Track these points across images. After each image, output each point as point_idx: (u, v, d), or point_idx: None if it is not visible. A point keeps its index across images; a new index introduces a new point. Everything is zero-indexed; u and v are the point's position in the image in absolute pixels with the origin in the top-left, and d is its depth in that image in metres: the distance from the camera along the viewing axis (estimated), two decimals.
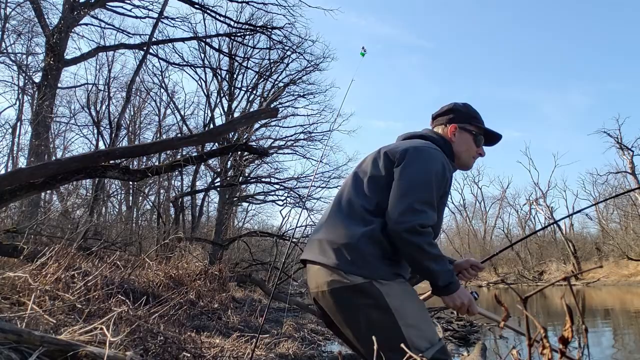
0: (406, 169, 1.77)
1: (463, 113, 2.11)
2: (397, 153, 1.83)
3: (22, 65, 14.53)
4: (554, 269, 30.41)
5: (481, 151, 2.09)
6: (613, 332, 7.31)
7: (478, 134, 2.07)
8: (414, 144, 1.88)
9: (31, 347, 2.32)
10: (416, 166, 1.78)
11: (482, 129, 2.09)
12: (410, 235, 1.65)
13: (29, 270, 3.85)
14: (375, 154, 1.92)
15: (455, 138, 2.05)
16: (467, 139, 2.05)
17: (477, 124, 2.09)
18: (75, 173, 5.03)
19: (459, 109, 2.13)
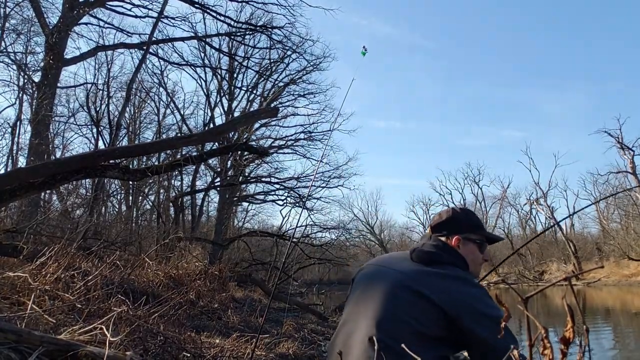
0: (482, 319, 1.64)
1: (465, 223, 2.02)
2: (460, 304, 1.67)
3: (21, 64, 14.53)
4: (555, 269, 30.41)
5: (486, 257, 2.02)
6: (614, 332, 7.30)
7: (483, 242, 2.01)
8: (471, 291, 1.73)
9: (31, 347, 2.31)
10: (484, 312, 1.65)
11: (485, 236, 2.03)
12: None
13: (28, 270, 3.84)
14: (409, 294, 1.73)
15: (461, 250, 1.97)
16: (473, 248, 1.98)
17: (480, 233, 2.02)
18: (74, 173, 5.02)
19: (461, 219, 2.02)
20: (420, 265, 1.85)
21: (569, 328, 1.65)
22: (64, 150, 19.21)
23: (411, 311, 1.68)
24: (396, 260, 1.93)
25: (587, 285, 22.99)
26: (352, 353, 1.66)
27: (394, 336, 1.61)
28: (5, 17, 13.00)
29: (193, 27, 15.23)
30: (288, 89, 21.27)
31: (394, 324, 1.67)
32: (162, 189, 19.26)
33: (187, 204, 18.48)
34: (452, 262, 1.86)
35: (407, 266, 1.84)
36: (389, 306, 1.71)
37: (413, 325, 1.64)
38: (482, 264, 2.03)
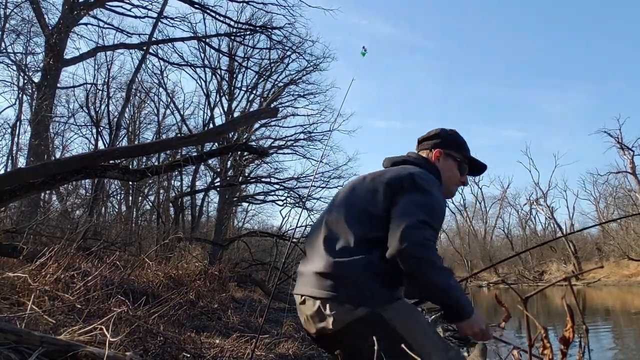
0: (412, 194, 1.73)
1: (449, 139, 2.07)
2: (401, 179, 1.78)
3: (21, 65, 14.53)
4: (555, 269, 30.42)
5: (464, 179, 2.04)
6: (613, 332, 7.30)
7: (463, 162, 2.03)
8: (414, 170, 1.83)
9: (31, 348, 2.31)
10: (420, 192, 1.74)
11: (467, 157, 2.05)
12: (415, 248, 1.59)
13: (28, 270, 3.84)
14: (369, 184, 1.85)
15: (439, 163, 2.01)
16: (451, 165, 2.01)
17: (462, 152, 2.05)
18: (74, 173, 5.02)
19: (446, 135, 2.08)
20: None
21: (568, 328, 1.66)
22: (64, 151, 19.22)
23: (366, 196, 1.81)
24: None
25: (587, 285, 23.00)
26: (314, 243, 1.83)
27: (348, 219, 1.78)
28: (6, 18, 13.00)
29: (193, 28, 15.26)
30: (288, 89, 21.28)
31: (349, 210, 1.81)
32: (162, 189, 19.26)
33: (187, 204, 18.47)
34: (426, 169, 1.93)
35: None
36: (349, 197, 1.87)
37: (365, 206, 1.77)
38: (457, 185, 2.04)
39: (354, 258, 1.70)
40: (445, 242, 44.69)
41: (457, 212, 44.15)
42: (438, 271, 1.62)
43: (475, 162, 2.06)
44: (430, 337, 1.71)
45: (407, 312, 1.72)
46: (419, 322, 1.73)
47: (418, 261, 1.60)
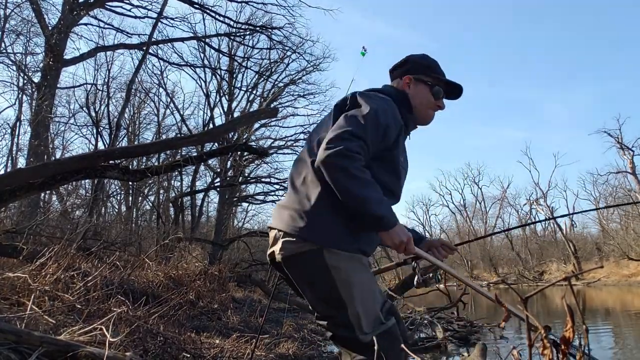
0: (350, 111, 1.75)
1: (418, 64, 1.99)
2: (345, 99, 1.83)
3: (21, 65, 14.51)
4: (555, 269, 30.42)
5: (440, 103, 1.96)
6: (613, 332, 7.30)
7: (435, 85, 1.94)
8: (361, 91, 1.85)
9: (31, 348, 2.31)
10: (358, 106, 1.75)
11: (439, 79, 1.96)
12: (336, 159, 1.57)
13: (28, 270, 3.84)
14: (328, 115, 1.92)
15: (410, 90, 1.95)
16: (423, 90, 1.94)
17: (433, 75, 1.96)
18: (74, 173, 5.03)
19: (415, 60, 2.00)
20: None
21: (568, 328, 1.65)
22: (64, 151, 19.22)
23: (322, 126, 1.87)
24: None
25: (587, 285, 22.99)
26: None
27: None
28: (6, 18, 12.99)
29: (192, 28, 15.29)
30: (288, 89, 21.29)
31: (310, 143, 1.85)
32: (161, 190, 19.26)
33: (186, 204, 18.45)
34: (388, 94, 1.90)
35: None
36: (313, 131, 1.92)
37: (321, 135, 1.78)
38: (433, 109, 1.98)
39: (308, 189, 1.71)
40: None
41: (457, 212, 44.19)
42: (357, 181, 1.58)
43: (448, 83, 1.97)
44: (367, 300, 1.68)
45: (352, 265, 1.69)
46: (362, 282, 1.69)
47: (337, 171, 1.59)
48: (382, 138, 1.71)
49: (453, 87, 1.98)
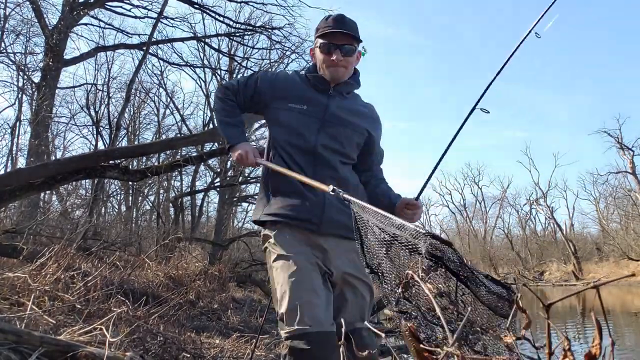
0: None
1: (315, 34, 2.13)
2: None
3: (21, 65, 14.49)
4: (555, 269, 30.41)
5: (331, 56, 1.97)
6: (613, 332, 7.31)
7: (320, 43, 2.02)
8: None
9: (31, 348, 2.31)
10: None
11: (317, 37, 2.05)
12: (213, 99, 1.96)
13: (28, 270, 3.84)
14: None
15: (313, 58, 2.11)
16: (317, 53, 2.05)
17: (316, 35, 2.06)
18: (74, 173, 5.03)
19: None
20: None
21: (596, 344, 1.52)
22: (64, 151, 19.18)
23: None
24: None
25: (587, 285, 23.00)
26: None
27: None
28: (5, 18, 12.97)
29: (192, 28, 15.26)
30: None
31: None
32: (161, 190, 19.26)
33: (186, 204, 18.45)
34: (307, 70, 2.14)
35: None
36: None
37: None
38: (327, 65, 2.00)
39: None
40: None
41: (457, 212, 44.19)
42: (217, 113, 2.11)
43: (324, 34, 2.00)
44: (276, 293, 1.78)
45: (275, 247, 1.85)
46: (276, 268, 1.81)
47: (213, 108, 2.25)
48: (252, 91, 2.05)
49: (328, 33, 1.99)
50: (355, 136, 1.97)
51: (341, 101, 2.00)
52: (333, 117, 1.95)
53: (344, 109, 1.98)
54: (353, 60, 2.01)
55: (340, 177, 1.87)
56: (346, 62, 1.97)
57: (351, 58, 1.99)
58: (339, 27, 1.97)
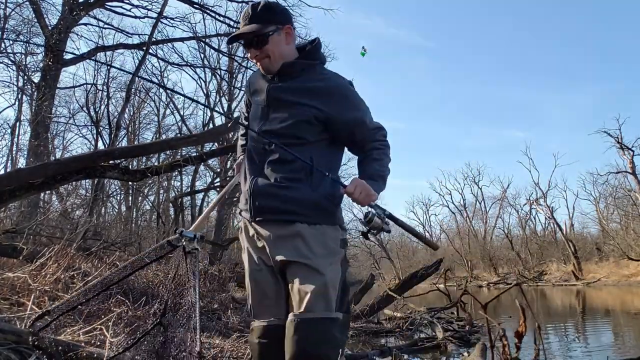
0: None
1: None
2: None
3: (21, 65, 14.50)
4: (555, 269, 30.40)
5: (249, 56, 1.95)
6: (613, 332, 7.31)
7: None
8: None
9: (30, 348, 2.31)
10: None
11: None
12: None
13: (28, 270, 3.84)
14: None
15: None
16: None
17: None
18: (74, 173, 5.03)
19: None
20: None
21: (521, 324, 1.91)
22: (64, 151, 19.21)
23: None
24: None
25: (587, 285, 23.01)
26: None
27: None
28: (5, 18, 12.97)
29: (192, 28, 15.27)
30: None
31: None
32: (161, 190, 19.27)
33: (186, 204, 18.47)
34: None
35: None
36: None
37: None
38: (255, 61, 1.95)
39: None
40: (445, 242, 44.66)
41: (457, 212, 44.18)
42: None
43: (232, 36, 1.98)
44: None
45: (240, 239, 1.99)
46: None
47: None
48: (246, 102, 2.08)
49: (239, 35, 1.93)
50: (300, 115, 1.81)
51: (288, 83, 1.88)
52: (274, 102, 1.88)
53: (288, 90, 1.86)
54: (271, 45, 1.84)
55: (278, 159, 1.80)
56: (262, 52, 1.84)
57: (267, 45, 1.83)
58: (241, 25, 1.89)
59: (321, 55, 1.96)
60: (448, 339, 5.87)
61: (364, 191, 1.73)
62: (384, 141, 1.94)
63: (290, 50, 1.89)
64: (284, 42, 1.87)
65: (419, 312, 7.75)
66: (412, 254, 46.29)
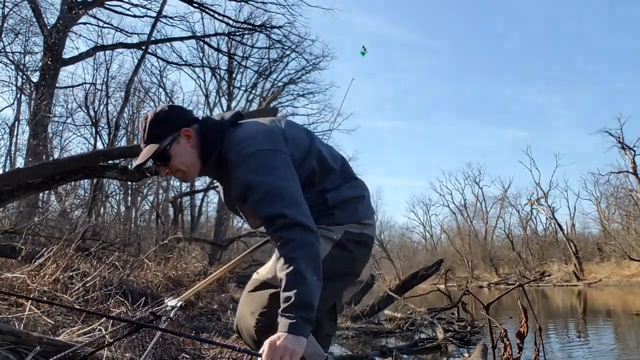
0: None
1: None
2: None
3: (19, 64, 14.47)
4: (556, 269, 30.36)
5: (162, 175, 1.83)
6: (615, 333, 7.28)
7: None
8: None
9: (29, 348, 2.29)
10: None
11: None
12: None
13: (27, 271, 3.82)
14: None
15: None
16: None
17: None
18: (73, 173, 5.00)
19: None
20: None
21: (523, 324, 1.87)
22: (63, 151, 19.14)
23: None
24: None
25: (588, 285, 22.98)
26: None
27: None
28: (4, 17, 12.95)
29: (192, 27, 15.26)
30: (287, 88, 21.29)
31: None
32: (161, 190, 19.25)
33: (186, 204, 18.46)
34: None
35: None
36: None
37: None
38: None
39: None
40: (446, 243, 44.63)
41: (458, 212, 44.17)
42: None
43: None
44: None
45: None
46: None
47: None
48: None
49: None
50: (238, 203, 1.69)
51: (224, 185, 1.74)
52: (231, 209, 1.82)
53: (227, 197, 1.75)
54: (176, 158, 1.65)
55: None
56: (171, 167, 1.67)
57: (172, 161, 1.65)
58: (140, 142, 1.71)
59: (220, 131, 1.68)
60: (448, 340, 5.85)
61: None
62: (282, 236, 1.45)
63: (200, 149, 1.68)
64: (189, 146, 1.66)
65: (420, 312, 7.72)
66: (412, 254, 46.30)
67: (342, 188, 1.71)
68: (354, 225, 1.68)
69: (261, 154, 1.53)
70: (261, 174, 1.49)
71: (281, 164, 1.54)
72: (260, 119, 1.74)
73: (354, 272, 1.77)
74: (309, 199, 1.58)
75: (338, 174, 1.73)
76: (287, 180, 1.51)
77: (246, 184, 1.51)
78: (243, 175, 1.52)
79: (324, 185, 1.67)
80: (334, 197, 1.67)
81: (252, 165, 1.51)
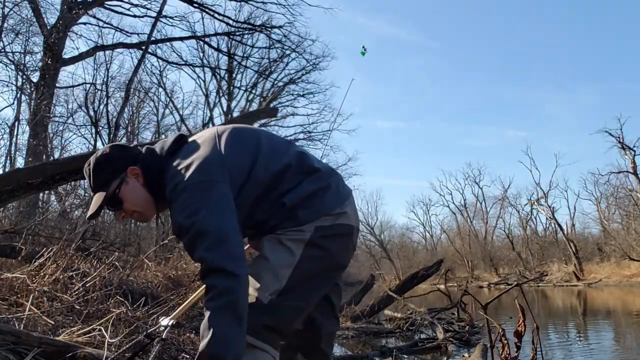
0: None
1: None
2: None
3: (19, 64, 14.47)
4: (556, 269, 30.36)
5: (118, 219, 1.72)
6: (615, 333, 7.28)
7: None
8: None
9: (29, 349, 2.29)
10: None
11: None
12: None
13: (27, 271, 3.82)
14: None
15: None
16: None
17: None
18: (73, 173, 4.99)
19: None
20: None
21: (520, 323, 1.89)
22: (63, 151, 19.15)
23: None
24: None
25: (588, 285, 22.98)
26: None
27: None
28: (4, 17, 12.95)
29: (192, 27, 15.27)
30: (287, 88, 21.29)
31: None
32: None
33: None
34: None
35: None
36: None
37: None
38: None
39: None
40: (446, 243, 44.64)
41: (458, 212, 44.17)
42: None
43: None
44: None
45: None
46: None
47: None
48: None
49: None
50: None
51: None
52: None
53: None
54: (127, 201, 1.60)
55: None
56: (126, 210, 1.63)
57: (124, 204, 1.60)
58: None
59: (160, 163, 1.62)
60: (448, 340, 5.86)
61: None
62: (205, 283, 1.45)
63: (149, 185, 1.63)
64: (139, 185, 1.61)
65: (420, 312, 7.73)
66: (412, 255, 46.31)
67: (302, 184, 1.63)
68: (323, 218, 1.61)
69: (193, 189, 1.48)
70: (189, 215, 1.45)
71: (213, 196, 1.48)
72: (201, 138, 1.66)
73: (335, 267, 1.71)
74: (268, 208, 1.59)
75: (295, 170, 1.65)
76: (216, 215, 1.45)
77: (178, 226, 1.48)
78: (175, 215, 1.49)
79: (282, 187, 1.62)
80: (292, 197, 1.61)
81: (181, 205, 1.48)
